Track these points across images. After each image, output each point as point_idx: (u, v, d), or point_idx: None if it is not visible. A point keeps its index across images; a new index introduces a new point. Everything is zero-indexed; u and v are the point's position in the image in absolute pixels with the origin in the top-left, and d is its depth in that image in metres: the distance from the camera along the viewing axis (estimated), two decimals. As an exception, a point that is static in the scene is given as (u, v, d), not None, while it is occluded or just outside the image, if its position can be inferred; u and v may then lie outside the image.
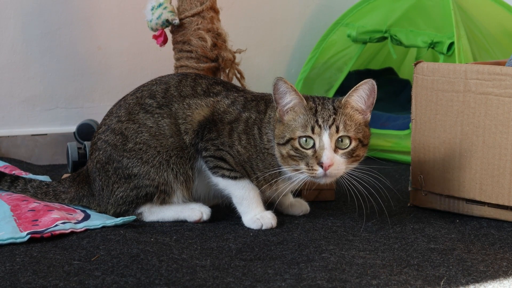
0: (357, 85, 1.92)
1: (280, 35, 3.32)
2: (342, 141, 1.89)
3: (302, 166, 1.88)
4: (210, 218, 2.01)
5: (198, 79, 2.06)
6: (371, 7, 3.10)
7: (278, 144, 1.92)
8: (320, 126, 1.87)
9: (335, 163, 1.86)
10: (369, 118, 1.96)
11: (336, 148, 1.88)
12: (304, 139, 1.88)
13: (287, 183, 1.98)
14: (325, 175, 1.87)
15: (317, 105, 1.91)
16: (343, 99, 1.92)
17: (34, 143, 2.84)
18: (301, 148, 1.88)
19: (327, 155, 1.85)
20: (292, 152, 1.89)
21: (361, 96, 1.91)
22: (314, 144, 1.87)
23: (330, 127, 1.87)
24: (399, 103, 3.17)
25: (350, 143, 1.89)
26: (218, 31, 2.58)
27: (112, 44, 2.94)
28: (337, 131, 1.88)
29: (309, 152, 1.87)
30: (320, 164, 1.86)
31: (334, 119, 1.88)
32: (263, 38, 3.25)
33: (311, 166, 1.87)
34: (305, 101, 1.91)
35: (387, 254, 1.77)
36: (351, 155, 1.89)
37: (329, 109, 1.90)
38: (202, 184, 2.04)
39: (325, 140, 1.87)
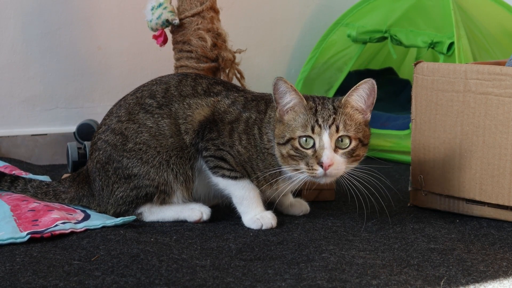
0: (357, 85, 1.92)
1: (280, 35, 3.32)
2: (342, 140, 1.89)
3: (302, 166, 1.89)
4: (210, 218, 2.01)
5: (198, 79, 2.06)
6: (371, 7, 3.10)
7: (278, 144, 1.92)
8: (320, 126, 1.88)
9: (335, 163, 1.86)
10: (369, 117, 1.96)
11: (336, 148, 1.88)
12: (304, 139, 1.88)
13: (287, 182, 1.98)
14: (325, 175, 1.87)
15: (317, 105, 1.91)
16: (343, 99, 1.92)
17: (34, 143, 2.84)
18: (301, 148, 1.88)
19: (327, 155, 1.86)
20: (292, 152, 1.89)
21: (361, 96, 1.92)
22: (314, 144, 1.88)
23: (330, 126, 1.87)
24: (399, 103, 3.17)
25: (350, 143, 1.89)
26: (218, 31, 2.57)
27: (112, 44, 2.94)
28: (337, 130, 1.88)
29: (309, 152, 1.88)
30: (320, 164, 1.86)
31: (334, 118, 1.88)
32: (263, 38, 3.25)
33: (311, 166, 1.87)
34: (305, 101, 1.91)
35: (387, 254, 1.77)
36: (351, 155, 1.89)
37: (329, 109, 1.90)
38: (202, 184, 2.04)
39: (325, 139, 1.87)
